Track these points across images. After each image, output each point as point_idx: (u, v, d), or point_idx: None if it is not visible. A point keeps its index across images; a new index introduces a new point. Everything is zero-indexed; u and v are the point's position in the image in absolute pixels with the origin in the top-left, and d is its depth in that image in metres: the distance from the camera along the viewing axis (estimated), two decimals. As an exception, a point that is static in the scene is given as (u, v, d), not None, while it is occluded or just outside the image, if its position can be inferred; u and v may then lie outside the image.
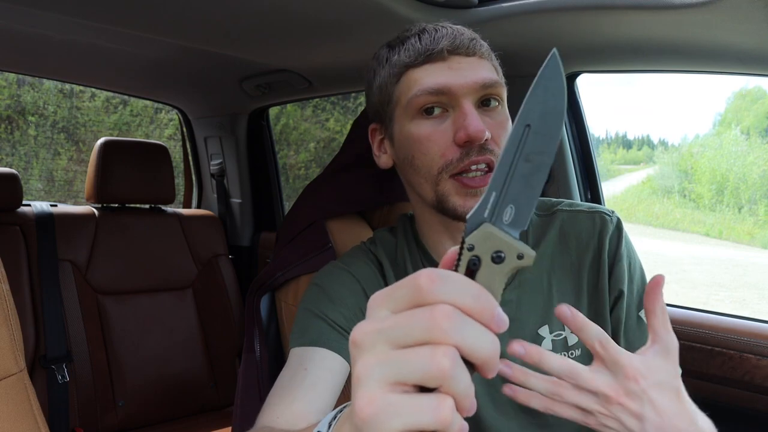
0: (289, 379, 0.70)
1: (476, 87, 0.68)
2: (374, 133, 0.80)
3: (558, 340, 0.74)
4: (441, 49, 0.69)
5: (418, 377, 0.30)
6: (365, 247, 0.84)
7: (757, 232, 3.70)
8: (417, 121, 0.70)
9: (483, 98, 0.70)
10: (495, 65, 0.74)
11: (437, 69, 0.69)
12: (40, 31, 1.24)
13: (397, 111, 0.73)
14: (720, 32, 0.89)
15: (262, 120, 2.02)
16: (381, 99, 0.76)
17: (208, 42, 1.30)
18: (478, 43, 0.71)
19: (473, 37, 0.71)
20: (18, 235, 1.56)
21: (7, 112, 3.43)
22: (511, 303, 0.74)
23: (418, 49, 0.70)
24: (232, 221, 2.10)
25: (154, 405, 1.68)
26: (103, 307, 1.66)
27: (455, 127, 0.68)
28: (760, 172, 3.67)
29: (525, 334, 0.73)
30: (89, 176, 1.74)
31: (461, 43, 0.69)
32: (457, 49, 0.69)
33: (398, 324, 0.30)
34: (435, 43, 0.69)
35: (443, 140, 0.68)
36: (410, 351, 0.30)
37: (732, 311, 1.12)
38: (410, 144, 0.71)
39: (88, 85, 1.86)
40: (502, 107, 0.72)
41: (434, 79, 0.68)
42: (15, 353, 0.63)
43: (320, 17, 1.09)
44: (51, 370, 1.49)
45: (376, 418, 0.30)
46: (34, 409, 0.63)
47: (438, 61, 0.69)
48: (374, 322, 0.31)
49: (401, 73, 0.72)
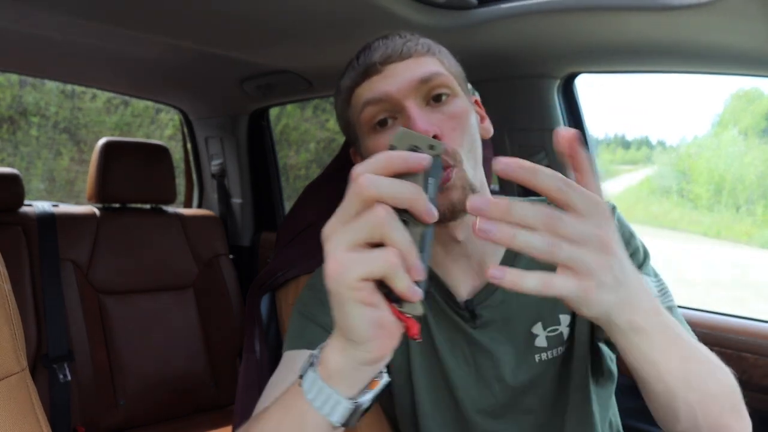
0: (281, 381, 0.70)
1: (414, 85, 0.68)
2: (355, 156, 0.82)
3: (553, 335, 0.74)
4: (374, 63, 0.70)
5: (365, 234, 0.41)
6: None
7: (755, 231, 3.71)
8: (372, 136, 0.71)
9: (431, 94, 0.69)
10: (441, 58, 0.73)
11: (374, 82, 0.70)
12: (42, 32, 1.24)
13: (358, 132, 0.75)
14: (718, 33, 0.89)
15: (262, 120, 2.03)
16: (344, 125, 0.78)
17: (209, 43, 1.30)
18: (413, 44, 0.71)
19: (407, 39, 0.71)
20: (20, 235, 1.56)
21: (9, 113, 3.44)
22: (503, 303, 0.74)
23: (357, 69, 0.72)
24: (232, 221, 2.11)
25: (155, 404, 1.69)
26: (105, 306, 1.66)
27: None
28: (758, 172, 3.68)
29: (518, 333, 0.74)
30: (90, 176, 1.75)
31: (393, 51, 0.70)
32: (389, 58, 0.70)
33: (345, 206, 0.43)
34: (369, 58, 0.71)
35: None
36: (357, 217, 0.42)
37: (730, 311, 1.13)
38: None
39: (89, 86, 1.87)
40: (457, 98, 0.71)
41: (371, 91, 0.70)
42: (17, 352, 0.63)
43: (321, 18, 1.10)
44: (53, 369, 1.50)
45: (340, 272, 0.41)
46: (35, 409, 0.64)
47: (374, 74, 0.70)
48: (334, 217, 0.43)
49: (349, 97, 0.74)
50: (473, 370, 0.75)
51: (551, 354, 0.74)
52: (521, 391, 0.74)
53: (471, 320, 0.74)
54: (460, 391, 0.75)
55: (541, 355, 0.74)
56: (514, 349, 0.74)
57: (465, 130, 0.69)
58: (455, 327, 0.75)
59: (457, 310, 0.75)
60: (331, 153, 3.78)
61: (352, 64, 0.74)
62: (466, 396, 0.74)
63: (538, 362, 0.74)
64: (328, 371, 0.48)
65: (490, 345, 0.74)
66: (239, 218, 2.09)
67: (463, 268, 0.74)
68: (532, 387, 0.74)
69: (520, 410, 0.74)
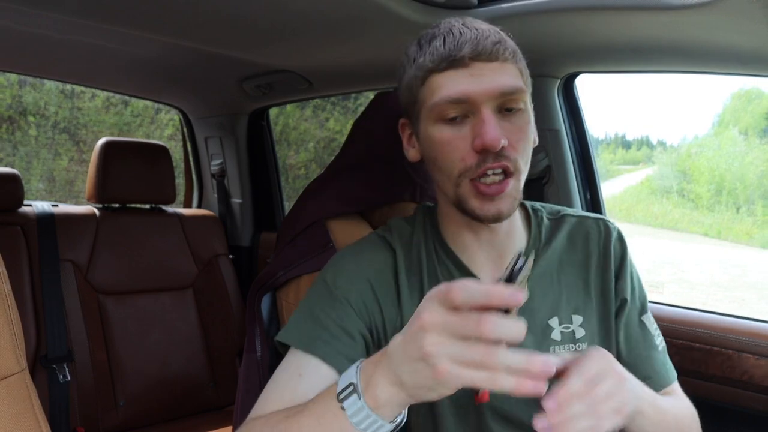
0: (284, 382, 0.72)
1: (495, 94, 0.69)
2: (404, 127, 0.83)
3: (566, 332, 0.77)
4: (463, 56, 0.69)
5: (473, 359, 0.49)
6: (379, 234, 0.85)
7: (756, 232, 3.71)
8: (439, 125, 0.72)
9: (505, 105, 0.71)
10: (521, 67, 0.74)
11: (459, 76, 0.70)
12: (41, 32, 1.24)
13: (423, 112, 0.75)
14: (719, 33, 0.89)
15: (262, 120, 2.03)
16: (408, 98, 0.78)
17: (208, 43, 1.30)
18: (502, 47, 0.71)
19: (497, 40, 0.71)
20: (19, 235, 1.56)
21: (8, 113, 3.44)
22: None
23: (442, 53, 0.71)
24: (232, 221, 2.11)
25: (155, 405, 1.69)
26: (104, 306, 1.66)
27: (473, 134, 0.70)
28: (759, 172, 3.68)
29: (536, 323, 0.77)
30: (90, 176, 1.74)
31: (483, 49, 0.70)
32: (479, 55, 0.69)
33: (460, 324, 0.49)
34: (458, 49, 0.70)
35: (463, 146, 0.71)
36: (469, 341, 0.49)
37: (731, 311, 1.13)
38: (433, 146, 0.74)
39: (89, 86, 1.87)
40: (524, 112, 0.73)
41: (455, 87, 0.70)
42: (16, 353, 0.63)
43: (321, 18, 1.10)
44: (52, 369, 1.49)
45: (446, 379, 0.49)
46: (35, 409, 0.64)
47: (460, 67, 0.70)
48: (443, 324, 0.50)
49: (426, 77, 0.73)
50: None
51: (563, 349, 0.77)
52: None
53: None
54: None
55: (554, 348, 0.77)
56: (533, 336, 0.76)
57: (528, 142, 0.73)
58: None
59: None
60: (331, 153, 3.78)
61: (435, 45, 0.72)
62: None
63: (553, 354, 0.76)
64: (377, 401, 0.56)
65: None
66: (239, 218, 2.09)
67: (487, 255, 0.79)
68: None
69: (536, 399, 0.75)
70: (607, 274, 0.80)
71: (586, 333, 0.78)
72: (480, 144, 0.68)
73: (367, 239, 0.85)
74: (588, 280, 0.81)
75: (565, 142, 1.28)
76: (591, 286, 0.80)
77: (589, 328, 0.79)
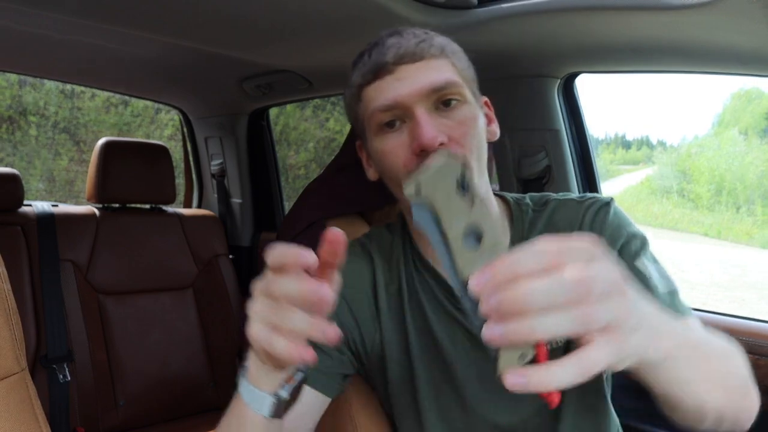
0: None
1: (425, 93, 0.68)
2: (360, 149, 0.82)
3: None
4: (386, 63, 0.69)
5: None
6: (361, 241, 0.84)
7: (756, 232, 3.71)
8: (380, 137, 0.72)
9: (441, 100, 0.69)
10: (453, 61, 0.72)
11: (386, 84, 0.69)
12: (41, 32, 1.24)
13: (366, 128, 0.75)
14: (719, 33, 0.89)
15: (262, 120, 2.03)
16: (353, 118, 0.78)
17: (208, 43, 1.30)
18: (427, 44, 0.70)
19: (421, 39, 0.70)
20: (19, 235, 1.56)
21: (8, 113, 3.44)
22: None
23: (369, 66, 0.71)
24: (232, 221, 2.11)
25: (155, 405, 1.69)
26: (104, 306, 1.66)
27: (411, 138, 0.68)
28: (759, 172, 3.68)
29: None
30: (90, 176, 1.74)
31: (406, 51, 0.69)
32: (402, 58, 0.69)
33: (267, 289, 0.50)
34: (381, 57, 0.70)
35: (403, 152, 0.69)
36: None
37: (731, 311, 1.13)
38: (379, 158, 0.73)
39: (89, 86, 1.87)
40: (466, 104, 0.71)
41: (383, 95, 0.69)
42: (16, 353, 0.63)
43: (321, 18, 1.10)
44: (52, 369, 1.49)
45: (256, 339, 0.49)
46: (35, 409, 0.64)
47: (386, 75, 0.69)
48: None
49: (359, 93, 0.73)
50: (474, 364, 0.75)
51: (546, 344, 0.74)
52: None
53: None
54: (463, 384, 0.75)
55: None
56: None
57: (473, 136, 0.69)
58: (454, 320, 0.75)
59: (455, 305, 0.75)
60: (330, 153, 3.78)
61: (363, 60, 0.73)
62: (470, 388, 0.74)
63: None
64: (252, 374, 0.59)
65: None
66: (239, 218, 2.09)
67: None
68: None
69: (520, 399, 0.74)
70: None
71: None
72: (417, 146, 0.66)
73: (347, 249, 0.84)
74: None
75: (565, 142, 1.28)
76: None
77: None
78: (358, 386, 0.83)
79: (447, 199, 0.44)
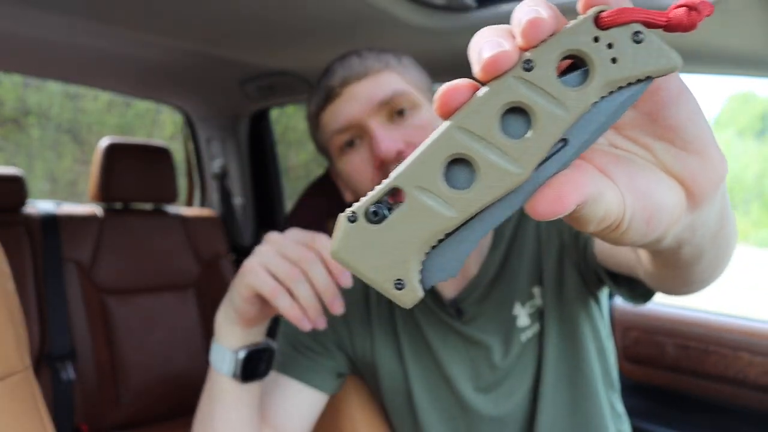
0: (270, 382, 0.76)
1: (373, 108, 0.68)
2: (334, 174, 0.83)
3: (532, 311, 0.75)
4: (333, 87, 0.70)
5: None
6: None
7: (752, 231, 3.70)
8: (343, 158, 0.73)
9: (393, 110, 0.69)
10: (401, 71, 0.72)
11: (336, 107, 0.70)
12: (44, 34, 1.25)
13: (330, 152, 0.76)
14: (718, 33, 0.89)
15: (263, 121, 2.04)
16: (318, 147, 0.80)
17: (210, 44, 1.31)
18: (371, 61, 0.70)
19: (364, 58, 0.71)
20: (23, 235, 1.57)
21: (12, 114, 3.46)
22: (486, 297, 0.75)
23: (320, 93, 0.72)
24: (233, 221, 2.12)
25: (158, 402, 1.70)
26: (107, 305, 1.68)
27: (370, 153, 0.69)
28: (754, 173, 3.68)
29: (503, 320, 0.75)
30: (93, 176, 1.76)
31: (350, 72, 0.70)
32: (347, 79, 0.70)
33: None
34: (329, 82, 0.71)
35: (366, 169, 0.70)
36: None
37: (726, 310, 1.13)
38: (347, 179, 0.74)
39: (91, 87, 1.88)
40: (420, 109, 0.71)
41: (335, 119, 0.70)
42: (20, 351, 0.64)
43: (321, 20, 1.11)
44: (55, 368, 1.51)
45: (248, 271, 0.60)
46: (39, 407, 0.65)
47: (335, 98, 0.70)
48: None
49: (316, 121, 0.75)
50: (467, 362, 0.76)
51: (532, 332, 0.75)
52: (513, 374, 0.75)
53: (458, 317, 0.76)
54: (457, 382, 0.76)
55: (522, 334, 0.75)
56: (501, 335, 0.75)
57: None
58: (446, 324, 0.76)
59: (444, 309, 0.76)
60: (332, 153, 3.77)
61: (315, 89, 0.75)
62: (464, 387, 0.75)
63: (524, 342, 0.75)
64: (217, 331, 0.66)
65: (480, 336, 0.75)
66: (240, 218, 2.10)
67: None
68: (520, 366, 0.75)
69: (513, 392, 0.75)
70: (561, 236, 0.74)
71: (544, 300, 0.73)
72: (377, 160, 0.67)
73: None
74: (539, 250, 0.75)
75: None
76: (543, 255, 0.74)
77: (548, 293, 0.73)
78: (357, 386, 0.84)
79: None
